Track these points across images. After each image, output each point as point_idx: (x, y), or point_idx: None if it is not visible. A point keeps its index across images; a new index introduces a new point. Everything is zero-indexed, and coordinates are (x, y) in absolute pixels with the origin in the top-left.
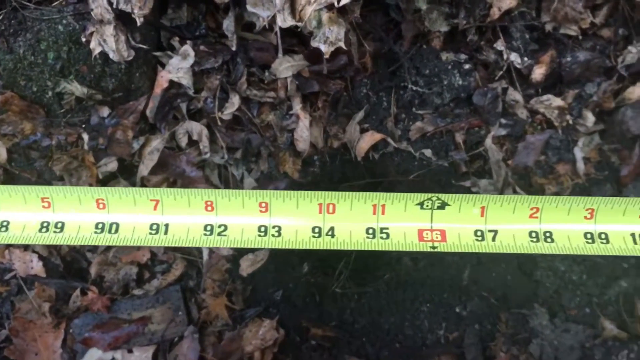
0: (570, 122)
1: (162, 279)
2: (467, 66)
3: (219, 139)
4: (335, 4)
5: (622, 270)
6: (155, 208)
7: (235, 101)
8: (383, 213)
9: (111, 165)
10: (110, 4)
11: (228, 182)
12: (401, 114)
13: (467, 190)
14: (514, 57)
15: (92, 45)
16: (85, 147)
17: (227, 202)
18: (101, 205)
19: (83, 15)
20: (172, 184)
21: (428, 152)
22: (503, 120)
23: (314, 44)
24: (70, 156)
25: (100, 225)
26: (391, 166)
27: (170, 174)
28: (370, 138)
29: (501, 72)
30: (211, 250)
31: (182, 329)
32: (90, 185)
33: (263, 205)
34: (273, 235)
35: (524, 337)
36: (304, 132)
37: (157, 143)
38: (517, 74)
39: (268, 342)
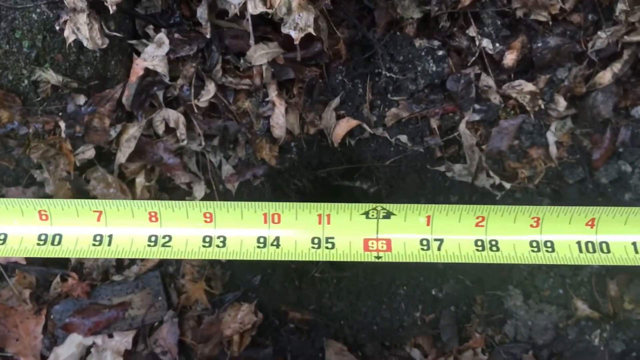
0: (543, 106)
1: (141, 265)
2: (440, 52)
3: (196, 126)
4: None
5: None
6: (98, 219)
7: (211, 89)
8: (328, 223)
9: (89, 152)
10: None
11: (206, 169)
12: (376, 100)
13: (442, 175)
14: (486, 43)
15: (66, 33)
16: (63, 135)
17: (171, 212)
18: (44, 217)
19: (57, 4)
20: (150, 171)
21: (404, 138)
22: (477, 106)
23: (285, 30)
24: (47, 144)
25: (43, 237)
26: (368, 152)
27: (148, 161)
28: (346, 124)
29: (474, 58)
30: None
31: (162, 313)
32: (68, 173)
33: (207, 215)
34: (218, 246)
35: (498, 318)
36: (280, 119)
37: (134, 130)
38: (490, 59)
39: (247, 326)
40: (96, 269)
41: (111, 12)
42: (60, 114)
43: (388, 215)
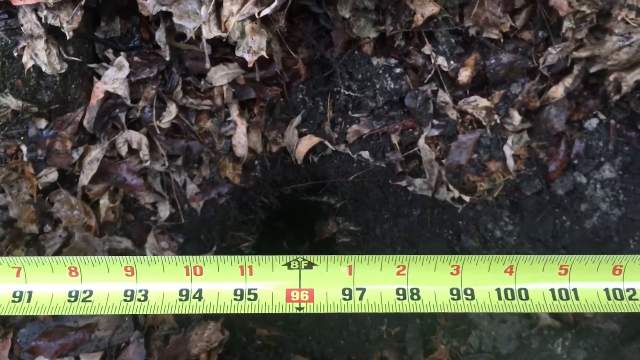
0: (498, 121)
1: None
2: (397, 70)
3: (158, 147)
4: (256, 15)
5: None
6: (17, 275)
7: (172, 110)
8: (251, 274)
9: (51, 175)
10: (40, 18)
11: (171, 188)
12: (337, 117)
13: (404, 190)
14: (441, 61)
15: (25, 59)
16: (25, 158)
17: (91, 267)
18: None
19: (15, 30)
20: (114, 192)
21: (365, 154)
22: (435, 121)
23: (238, 53)
24: (9, 168)
25: None
26: (331, 168)
27: (112, 182)
28: (308, 141)
29: (430, 75)
30: (154, 255)
31: (129, 334)
32: (31, 196)
33: (129, 269)
34: (139, 300)
35: (463, 329)
36: (242, 138)
37: (96, 153)
38: (445, 76)
39: (214, 344)
40: None
41: (68, 37)
42: (22, 138)
43: (310, 265)
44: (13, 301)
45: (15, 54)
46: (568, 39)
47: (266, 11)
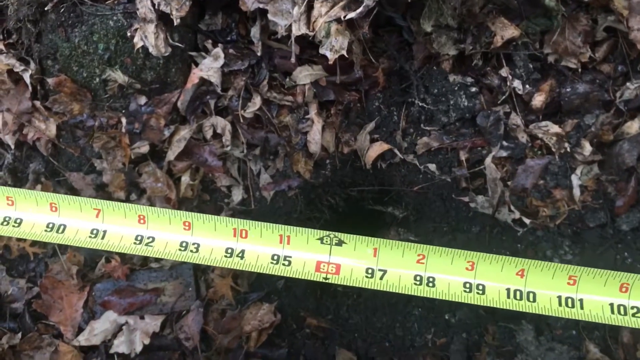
0: (568, 149)
1: None
2: (473, 89)
3: (240, 134)
4: (342, 18)
5: None
6: (97, 216)
7: (257, 101)
8: (288, 243)
9: (143, 148)
10: (154, 4)
11: (246, 175)
12: (409, 128)
13: (466, 206)
14: (517, 84)
15: (136, 40)
16: (123, 130)
17: (156, 217)
18: (53, 209)
19: (130, 14)
20: (195, 171)
21: (432, 167)
22: (504, 143)
23: (322, 51)
24: (109, 136)
25: (50, 225)
26: (397, 176)
27: (194, 161)
28: (379, 147)
29: (504, 97)
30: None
31: (190, 303)
32: (124, 164)
33: (187, 224)
34: (191, 251)
35: (508, 350)
36: (317, 136)
37: (185, 133)
38: (519, 99)
39: (265, 324)
40: (137, 255)
41: (175, 24)
42: (123, 111)
43: (340, 243)
44: (90, 237)
45: (129, 35)
46: None
47: (351, 15)
